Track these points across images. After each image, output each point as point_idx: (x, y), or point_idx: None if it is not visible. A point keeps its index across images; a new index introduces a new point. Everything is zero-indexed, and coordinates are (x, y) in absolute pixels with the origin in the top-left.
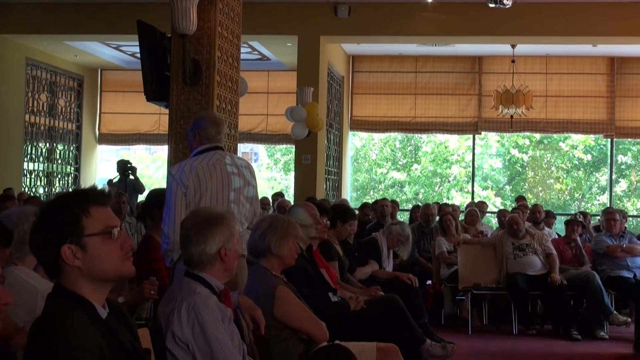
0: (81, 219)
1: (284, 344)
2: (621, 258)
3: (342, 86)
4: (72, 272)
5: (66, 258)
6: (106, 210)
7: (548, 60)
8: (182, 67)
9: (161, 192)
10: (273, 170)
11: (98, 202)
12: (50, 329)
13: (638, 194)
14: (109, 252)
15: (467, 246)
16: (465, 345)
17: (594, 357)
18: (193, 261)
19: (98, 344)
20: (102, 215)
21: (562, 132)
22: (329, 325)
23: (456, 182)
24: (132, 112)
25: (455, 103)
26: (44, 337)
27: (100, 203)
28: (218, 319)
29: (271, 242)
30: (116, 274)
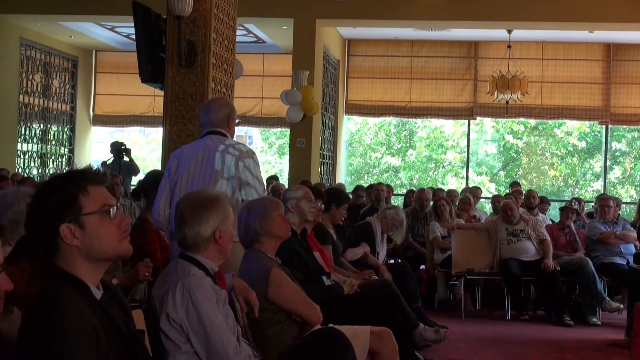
0: (79, 198)
1: (278, 327)
2: (614, 245)
3: (337, 70)
4: (70, 251)
5: (65, 237)
6: (103, 189)
7: (544, 46)
8: (177, 48)
9: (159, 174)
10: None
11: (95, 181)
12: (45, 310)
13: (632, 181)
14: (107, 231)
15: (461, 231)
16: (458, 329)
17: (586, 343)
18: (187, 243)
19: (92, 324)
20: (99, 194)
21: (557, 118)
22: (323, 308)
23: (451, 167)
24: (126, 93)
25: (450, 88)
26: (39, 318)
27: (97, 182)
28: (212, 300)
29: (256, 226)
30: (114, 253)
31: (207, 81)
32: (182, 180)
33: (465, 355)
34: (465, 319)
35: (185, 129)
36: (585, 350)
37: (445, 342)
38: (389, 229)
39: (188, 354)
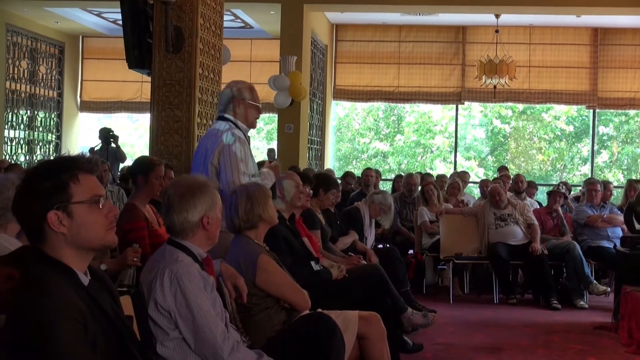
0: (70, 186)
1: (266, 312)
2: (602, 228)
3: (325, 55)
4: (56, 238)
5: (52, 224)
6: (93, 179)
7: (532, 30)
8: (164, 34)
9: (149, 160)
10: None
11: (86, 169)
12: (32, 296)
13: (619, 165)
14: (95, 220)
15: (449, 216)
16: (447, 314)
17: (573, 326)
18: (175, 229)
19: (79, 310)
20: (90, 184)
21: (545, 102)
22: (311, 293)
23: (439, 152)
24: (114, 79)
25: (438, 73)
26: (26, 304)
27: (88, 171)
28: (200, 286)
29: (260, 212)
30: (100, 243)
31: (195, 67)
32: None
33: (453, 339)
34: (454, 303)
35: (173, 114)
36: (573, 333)
37: (433, 326)
38: (377, 214)
39: (176, 340)
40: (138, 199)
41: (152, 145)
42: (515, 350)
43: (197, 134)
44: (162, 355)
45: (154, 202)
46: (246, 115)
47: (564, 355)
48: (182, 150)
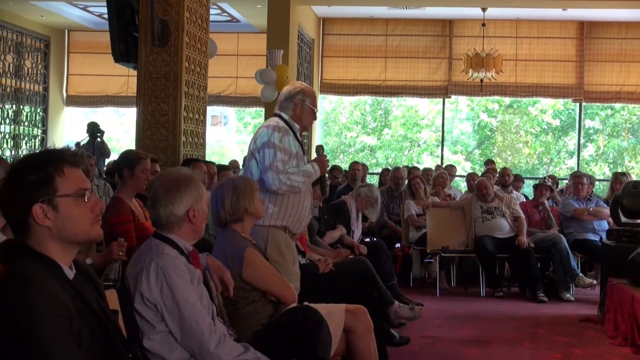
0: (55, 179)
1: (253, 306)
2: (588, 221)
3: (312, 49)
4: (41, 232)
5: (37, 217)
6: (79, 172)
7: (518, 24)
8: (150, 28)
9: (135, 154)
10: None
11: (72, 163)
12: (17, 290)
13: (605, 159)
14: (80, 214)
15: (435, 209)
16: (433, 307)
17: (559, 318)
18: (161, 222)
19: (64, 304)
20: (75, 177)
21: (531, 96)
22: None
23: (426, 146)
24: (100, 73)
25: (425, 66)
26: (10, 298)
27: (74, 164)
28: (187, 279)
29: (246, 205)
30: (85, 237)
31: (181, 60)
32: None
33: (440, 332)
34: (440, 296)
35: (159, 108)
36: (559, 326)
37: (420, 320)
38: (363, 207)
39: (162, 334)
40: (124, 193)
41: (138, 140)
42: (502, 343)
43: (183, 128)
44: (148, 349)
45: (140, 196)
46: (302, 117)
47: (550, 348)
48: (169, 144)
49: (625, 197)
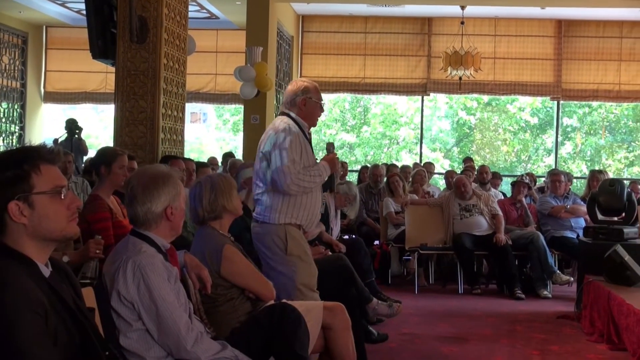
0: (31, 176)
1: (231, 303)
2: (565, 219)
3: (291, 46)
4: (17, 229)
5: (12, 214)
6: (55, 169)
7: (497, 22)
8: (128, 24)
9: (111, 150)
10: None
11: (48, 160)
12: None
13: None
14: (56, 211)
15: (414, 207)
16: (412, 304)
17: (537, 315)
18: (139, 220)
19: (40, 302)
20: (51, 174)
21: (510, 94)
22: None
23: (405, 143)
24: (78, 70)
25: (404, 64)
26: None
27: (50, 161)
28: (164, 277)
29: (224, 202)
30: (61, 234)
31: (159, 57)
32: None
33: (418, 329)
34: (419, 293)
35: (137, 105)
36: (536, 323)
37: (398, 317)
38: (342, 204)
39: (139, 332)
40: (102, 190)
41: (116, 137)
42: (479, 339)
43: (161, 125)
44: (125, 347)
45: (119, 193)
46: (311, 113)
47: (527, 345)
48: (147, 141)
49: (602, 195)
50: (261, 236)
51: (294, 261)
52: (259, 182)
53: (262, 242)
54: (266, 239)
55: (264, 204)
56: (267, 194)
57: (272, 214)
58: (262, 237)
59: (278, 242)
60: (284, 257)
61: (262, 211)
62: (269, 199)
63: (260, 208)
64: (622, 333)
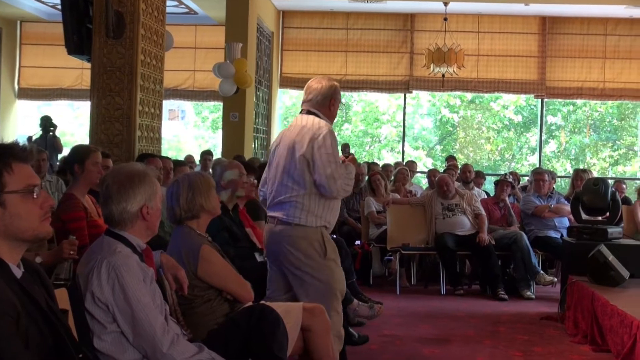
0: (3, 175)
1: (208, 304)
2: (549, 218)
3: (271, 42)
4: None
5: None
6: (27, 168)
7: (480, 18)
8: (105, 19)
9: (84, 148)
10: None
11: (20, 158)
12: None
13: (566, 155)
14: (28, 211)
15: (396, 206)
16: (393, 305)
17: (520, 316)
18: (114, 220)
19: (11, 303)
20: (24, 173)
21: (493, 91)
22: (255, 285)
23: (387, 142)
24: (53, 66)
25: (386, 61)
26: None
27: (22, 159)
28: (139, 278)
29: (202, 202)
30: (33, 234)
31: (136, 53)
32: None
33: (400, 330)
34: (400, 294)
35: (113, 102)
36: (520, 324)
37: (379, 318)
38: None
39: (114, 334)
40: (76, 189)
41: (92, 134)
42: (462, 341)
43: (138, 122)
44: (99, 350)
45: (93, 192)
46: (335, 114)
47: (510, 346)
48: (123, 138)
49: (586, 194)
50: (295, 239)
51: (331, 266)
52: (293, 185)
53: (296, 246)
54: (302, 243)
55: (299, 207)
56: (305, 196)
57: (310, 217)
58: (297, 241)
59: (317, 246)
60: (321, 261)
61: (297, 214)
62: (307, 202)
63: (294, 211)
64: (606, 334)
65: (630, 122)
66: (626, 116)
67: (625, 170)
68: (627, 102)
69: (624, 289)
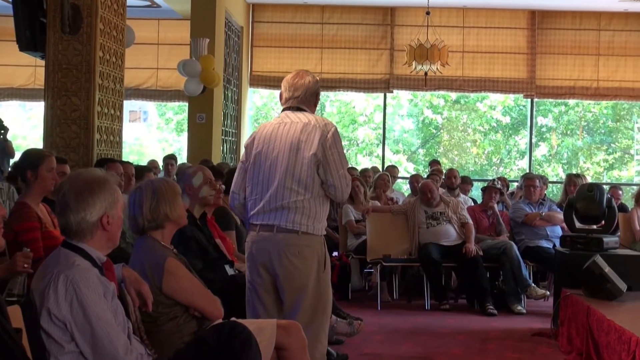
0: None
1: (174, 322)
2: (540, 227)
3: (241, 38)
4: None
5: None
6: None
7: (465, 12)
8: (60, 12)
9: (37, 152)
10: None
11: None
12: None
13: (558, 159)
14: None
15: (376, 214)
16: (374, 321)
17: (510, 332)
18: (71, 230)
19: None
20: None
21: (480, 91)
22: (225, 300)
23: (365, 145)
24: (3, 63)
25: (365, 58)
26: None
27: None
28: (99, 294)
29: (167, 210)
30: None
31: (95, 49)
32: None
33: (381, 349)
34: (382, 309)
35: (70, 102)
36: (510, 341)
37: (359, 335)
38: None
39: (72, 354)
40: (29, 197)
41: (46, 137)
42: (448, 359)
43: (97, 125)
44: None
45: (48, 200)
46: (315, 109)
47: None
48: (81, 142)
49: (580, 201)
50: (301, 249)
51: (328, 280)
52: (299, 187)
53: (301, 256)
54: (308, 253)
55: (306, 213)
56: (312, 201)
57: (316, 223)
58: (303, 250)
59: (319, 258)
60: (321, 275)
61: (304, 221)
62: (313, 207)
63: (300, 217)
64: (603, 351)
65: (625, 124)
66: (622, 117)
67: (621, 175)
68: (623, 102)
69: (621, 302)
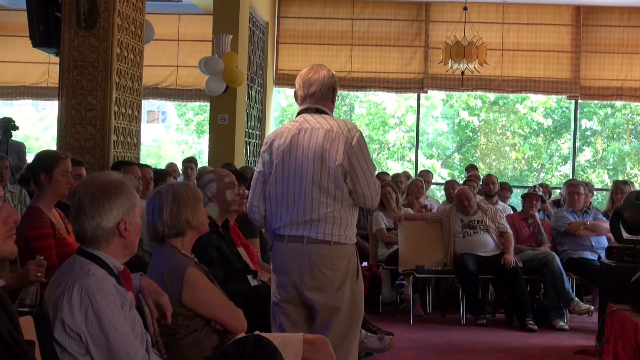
0: None
1: (194, 335)
2: (584, 237)
3: (266, 34)
4: None
5: None
6: None
7: (505, 8)
8: (75, 7)
9: (51, 154)
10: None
11: None
12: None
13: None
14: None
15: (409, 222)
16: (406, 336)
17: (552, 350)
18: (87, 237)
19: None
20: None
21: (520, 91)
22: (248, 313)
23: (396, 149)
24: (15, 60)
25: (397, 56)
26: None
27: None
28: (116, 304)
29: (188, 216)
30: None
31: (112, 46)
32: (278, 171)
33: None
34: (414, 324)
35: (85, 102)
36: (551, 358)
37: (390, 351)
38: None
39: None
40: (42, 202)
41: (60, 138)
42: None
43: (113, 125)
44: None
45: (62, 205)
46: (333, 106)
47: None
48: (97, 144)
49: (628, 210)
50: (334, 260)
51: (361, 291)
52: (328, 199)
53: (335, 267)
54: (341, 264)
55: (337, 223)
56: (342, 210)
57: (348, 232)
58: (336, 262)
59: (352, 268)
60: (354, 285)
61: (336, 231)
62: (344, 216)
63: (331, 228)
64: None
65: None
66: None
67: None
68: None
69: None
